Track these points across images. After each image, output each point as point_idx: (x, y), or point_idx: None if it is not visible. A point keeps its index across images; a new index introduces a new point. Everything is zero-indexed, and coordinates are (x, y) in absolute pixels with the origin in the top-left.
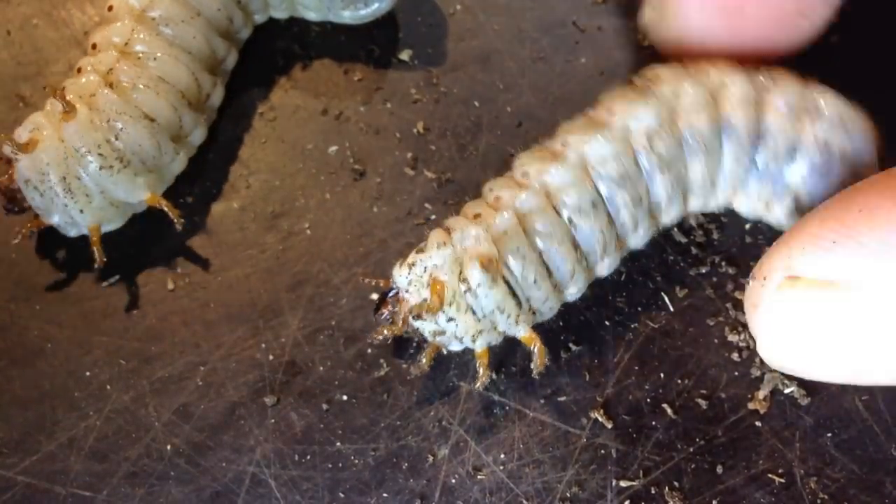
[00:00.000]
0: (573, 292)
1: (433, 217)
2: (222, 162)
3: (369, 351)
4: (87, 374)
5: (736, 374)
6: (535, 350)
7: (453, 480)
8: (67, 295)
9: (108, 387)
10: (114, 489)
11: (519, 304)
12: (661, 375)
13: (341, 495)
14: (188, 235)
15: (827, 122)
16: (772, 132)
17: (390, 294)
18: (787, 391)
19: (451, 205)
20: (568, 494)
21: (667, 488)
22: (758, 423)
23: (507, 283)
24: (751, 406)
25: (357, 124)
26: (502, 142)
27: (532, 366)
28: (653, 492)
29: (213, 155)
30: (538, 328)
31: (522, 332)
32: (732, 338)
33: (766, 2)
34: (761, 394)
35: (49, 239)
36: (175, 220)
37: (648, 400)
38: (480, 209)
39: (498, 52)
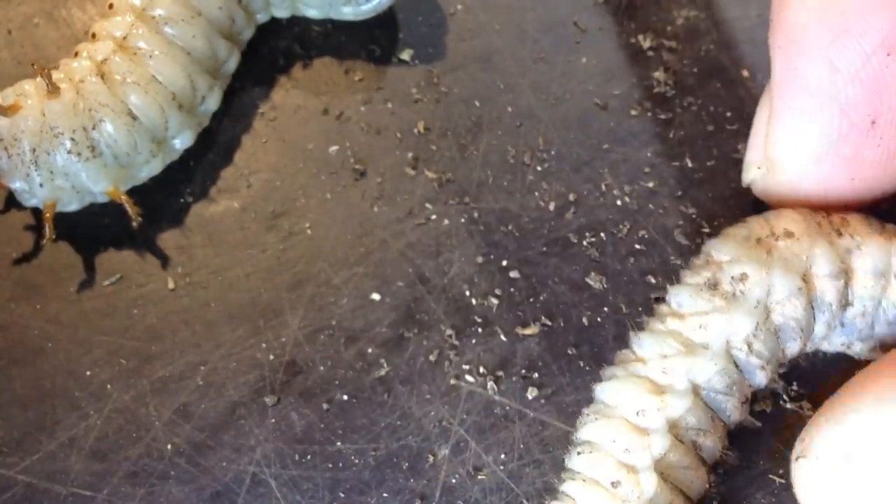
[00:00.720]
0: (700, 497)
1: (433, 217)
2: (223, 161)
3: (369, 350)
4: (88, 373)
5: None
6: None
7: (453, 480)
8: (68, 294)
9: (109, 386)
10: (114, 489)
11: None
12: None
13: (341, 495)
14: (188, 235)
15: None
16: (859, 297)
17: None
18: (790, 389)
19: (451, 205)
20: None
21: None
22: (758, 424)
23: None
24: (756, 407)
25: (358, 124)
26: (503, 142)
27: None
28: None
29: (213, 154)
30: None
31: None
32: None
33: (886, 141)
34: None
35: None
36: (133, 218)
37: None
38: (615, 474)
39: (499, 51)
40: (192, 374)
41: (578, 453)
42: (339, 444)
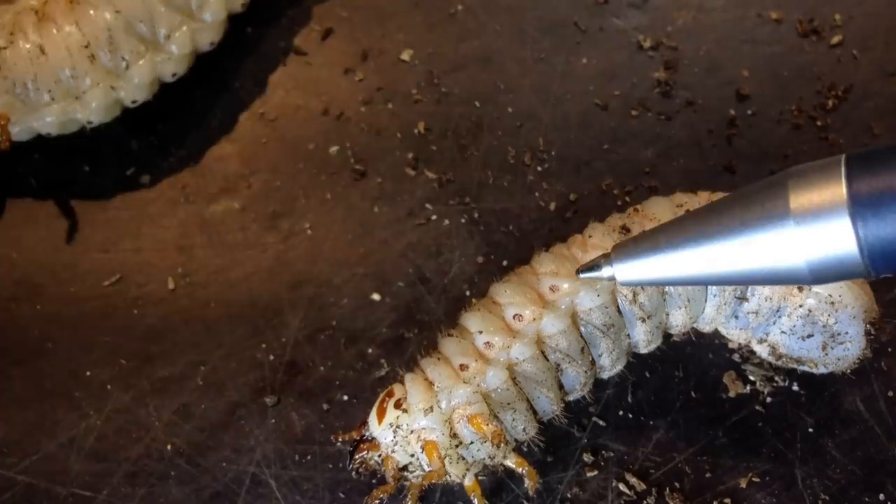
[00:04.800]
0: (547, 417)
1: (434, 217)
2: (223, 161)
3: (370, 351)
4: (88, 373)
5: (736, 374)
6: (526, 472)
7: (453, 481)
8: (67, 295)
9: (109, 386)
10: (114, 489)
11: (507, 443)
12: (662, 376)
13: (341, 495)
14: (188, 235)
15: (815, 298)
16: (757, 296)
17: (366, 438)
18: (790, 389)
19: (451, 205)
20: (569, 495)
21: (668, 489)
22: (759, 424)
23: None
24: (757, 408)
25: (358, 124)
26: (503, 142)
27: (525, 486)
28: (653, 492)
29: (213, 154)
30: None
31: (511, 462)
32: None
33: None
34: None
35: (48, 238)
36: (1, 142)
37: (649, 400)
38: (467, 358)
39: (499, 52)
40: (192, 375)
41: (448, 335)
42: (339, 444)
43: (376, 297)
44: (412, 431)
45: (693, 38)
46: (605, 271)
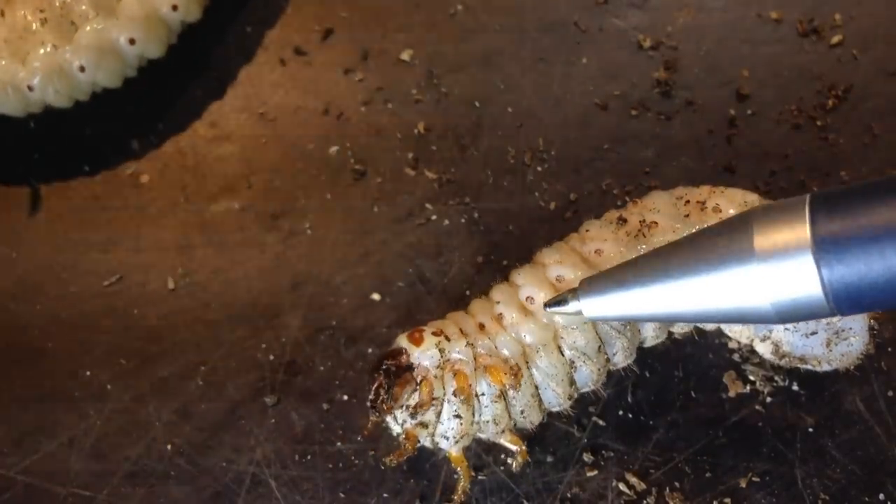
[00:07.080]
0: (554, 410)
1: (434, 217)
2: (223, 161)
3: (369, 350)
4: (88, 373)
5: (736, 374)
6: (518, 451)
7: (453, 480)
8: (67, 295)
9: (109, 386)
10: (114, 489)
11: (510, 417)
12: (662, 375)
13: (341, 495)
14: (188, 235)
15: None
16: None
17: (406, 365)
18: (790, 389)
19: (451, 205)
20: (569, 495)
21: (667, 489)
22: (759, 424)
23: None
24: (757, 408)
25: (358, 124)
26: (503, 142)
27: (511, 462)
28: (653, 492)
29: (213, 154)
30: None
31: (506, 439)
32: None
33: None
34: (761, 389)
35: (48, 238)
36: None
37: (649, 400)
38: (486, 318)
39: (499, 52)
40: (192, 374)
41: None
42: (339, 444)
43: (376, 297)
44: (447, 360)
45: (693, 38)
46: (572, 306)
